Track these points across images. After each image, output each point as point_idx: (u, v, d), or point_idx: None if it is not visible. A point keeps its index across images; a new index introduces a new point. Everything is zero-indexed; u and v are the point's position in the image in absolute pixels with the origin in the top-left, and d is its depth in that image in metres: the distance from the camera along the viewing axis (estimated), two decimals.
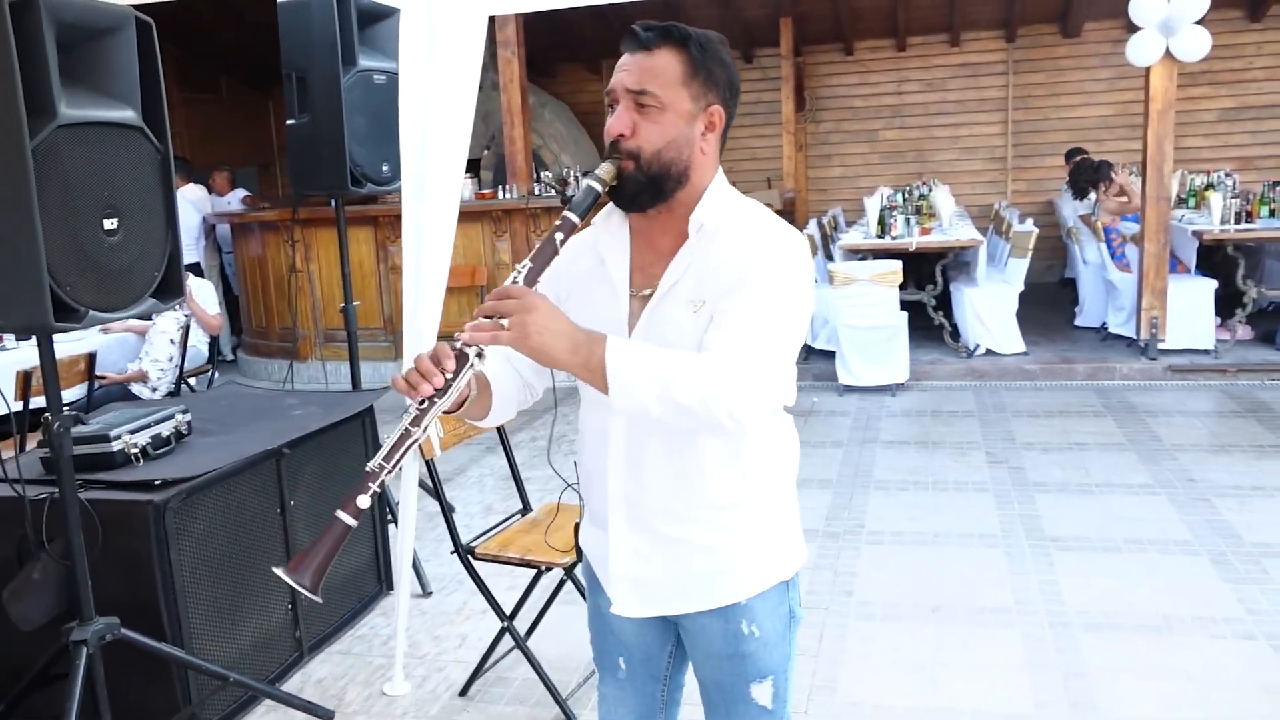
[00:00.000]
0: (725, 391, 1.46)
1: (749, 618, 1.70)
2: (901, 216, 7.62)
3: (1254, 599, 3.58)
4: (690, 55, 1.55)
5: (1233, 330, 7.19)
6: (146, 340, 5.70)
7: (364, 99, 3.93)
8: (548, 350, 1.45)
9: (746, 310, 1.51)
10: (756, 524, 1.69)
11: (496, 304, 1.44)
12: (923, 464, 5.30)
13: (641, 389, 1.45)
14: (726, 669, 1.74)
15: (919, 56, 11.23)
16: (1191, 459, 5.14)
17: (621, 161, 1.55)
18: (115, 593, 2.81)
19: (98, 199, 2.37)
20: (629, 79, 1.54)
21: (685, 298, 1.58)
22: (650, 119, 1.54)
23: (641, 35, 1.54)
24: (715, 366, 1.47)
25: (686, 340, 1.56)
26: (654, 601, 1.71)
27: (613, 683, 1.90)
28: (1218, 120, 10.49)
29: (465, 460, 5.71)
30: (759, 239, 1.57)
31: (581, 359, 1.46)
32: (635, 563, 1.69)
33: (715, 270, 1.56)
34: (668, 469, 1.64)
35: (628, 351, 1.47)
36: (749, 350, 1.49)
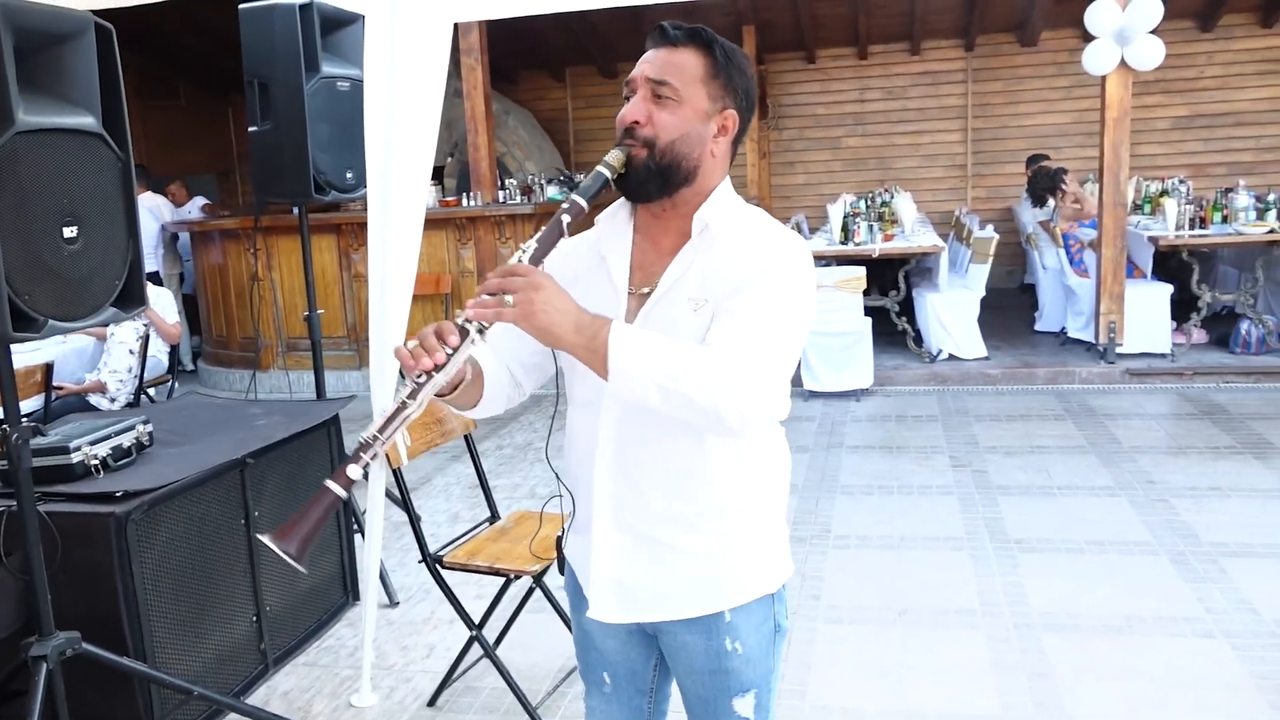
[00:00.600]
0: (736, 388, 1.44)
1: (732, 635, 1.67)
2: (865, 223, 7.69)
3: (1212, 598, 3.64)
4: (714, 57, 1.57)
5: (1188, 334, 7.32)
6: (105, 351, 5.61)
7: (327, 106, 3.90)
8: (552, 329, 1.44)
9: (753, 311, 1.50)
10: (746, 533, 1.67)
11: (503, 281, 1.43)
12: (888, 468, 5.35)
13: (644, 376, 1.44)
14: (709, 684, 1.72)
15: (880, 65, 11.34)
16: (1150, 461, 5.23)
17: (634, 149, 1.56)
18: (75, 606, 2.76)
19: (56, 206, 2.33)
20: (651, 69, 1.56)
21: (686, 296, 1.57)
22: (667, 109, 1.56)
23: (670, 32, 1.56)
24: (726, 363, 1.46)
25: (679, 336, 1.55)
26: (634, 607, 1.69)
27: (599, 696, 1.88)
28: (1171, 128, 10.69)
29: (431, 469, 5.67)
30: (766, 242, 1.57)
31: (585, 339, 1.45)
32: (619, 565, 1.67)
33: (718, 270, 1.56)
34: (660, 471, 1.62)
35: (633, 336, 1.46)
36: (757, 350, 1.48)
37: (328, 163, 3.91)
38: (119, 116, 2.51)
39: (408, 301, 3.03)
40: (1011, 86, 11.03)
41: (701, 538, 1.64)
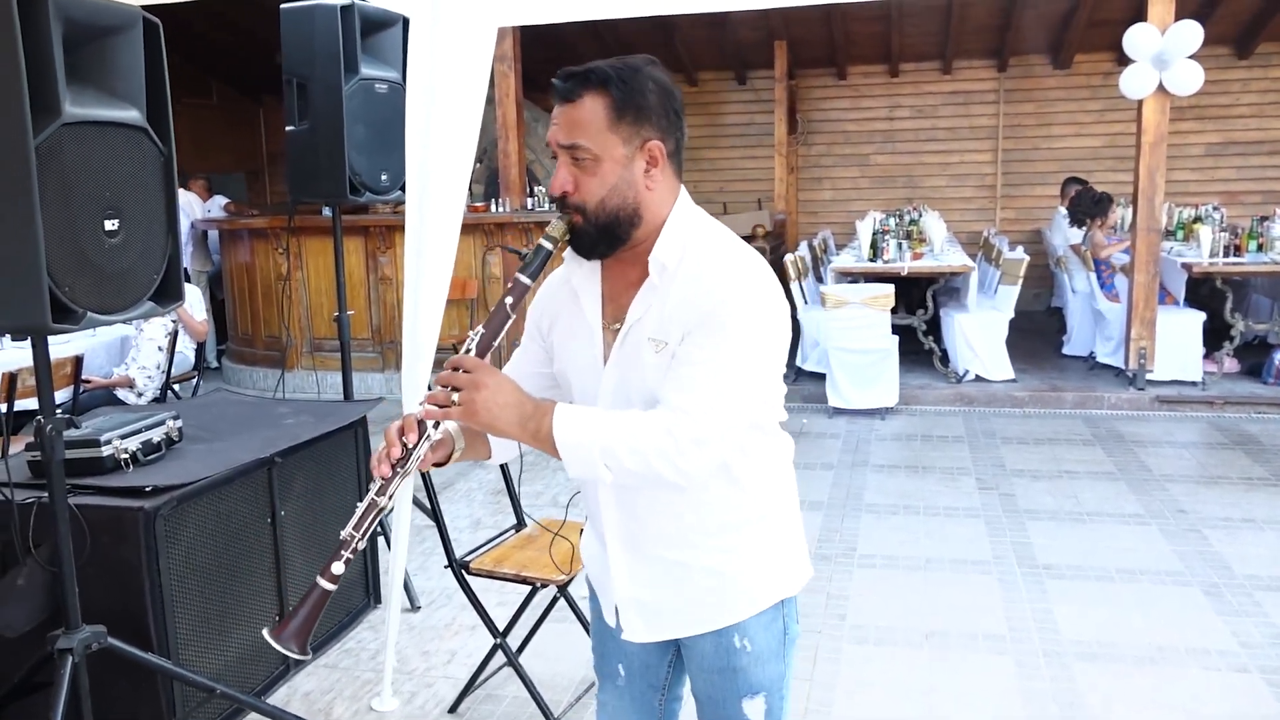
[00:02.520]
0: (668, 449, 1.47)
1: (741, 632, 1.69)
2: (894, 241, 7.65)
3: (1247, 632, 3.57)
4: (613, 96, 1.52)
5: (1220, 363, 7.23)
6: (134, 346, 5.63)
7: (365, 107, 3.90)
8: (495, 426, 1.52)
9: (704, 355, 1.51)
10: (756, 544, 1.69)
11: (451, 376, 1.51)
12: (913, 488, 5.29)
13: (589, 456, 1.49)
14: (718, 683, 1.73)
15: (911, 83, 11.31)
16: (1181, 490, 5.15)
17: (571, 216, 1.57)
18: (102, 600, 2.75)
19: (99, 199, 2.33)
20: (559, 134, 1.54)
21: (646, 336, 1.57)
22: (588, 171, 1.54)
23: (561, 86, 1.53)
24: (658, 425, 1.48)
25: (650, 378, 1.56)
26: (660, 626, 1.72)
27: (612, 690, 1.91)
28: (1205, 154, 10.60)
29: (453, 474, 5.66)
30: (718, 276, 1.55)
31: (530, 431, 1.51)
32: (636, 587, 1.70)
33: (675, 308, 1.55)
34: (659, 499, 1.64)
35: (574, 420, 1.50)
36: (698, 402, 1.49)
37: (363, 164, 3.91)
38: (163, 111, 2.51)
39: (441, 305, 3.01)
40: (1044, 108, 10.98)
41: (715, 554, 1.66)
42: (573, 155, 1.53)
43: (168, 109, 2.52)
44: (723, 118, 11.85)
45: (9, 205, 2.14)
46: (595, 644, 1.93)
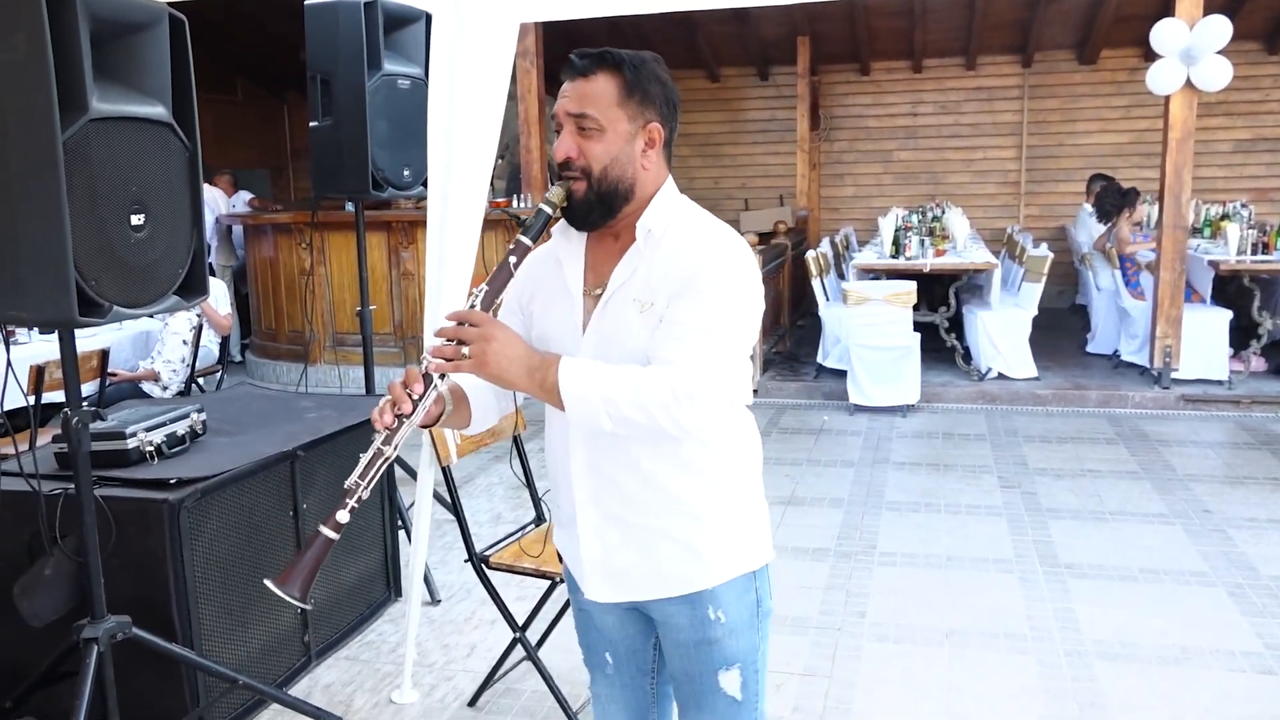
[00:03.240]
0: (669, 402, 1.55)
1: (715, 603, 1.75)
2: (916, 237, 7.61)
3: (1272, 633, 3.54)
4: (625, 77, 1.64)
5: (1246, 362, 7.15)
6: (159, 340, 5.68)
7: (388, 103, 3.92)
8: (505, 376, 1.59)
9: (691, 316, 1.59)
10: (722, 515, 1.75)
11: (458, 330, 1.57)
12: (934, 486, 5.27)
13: (592, 406, 1.56)
14: (694, 657, 1.78)
15: (934, 79, 11.25)
16: (1206, 489, 5.11)
17: (573, 182, 1.64)
18: (126, 591, 2.78)
19: (125, 194, 2.35)
20: (570, 104, 1.64)
21: (632, 297, 1.65)
22: (593, 140, 1.63)
23: (578, 63, 1.64)
24: (658, 379, 1.56)
25: (634, 339, 1.64)
26: (626, 587, 1.77)
27: (603, 680, 1.95)
28: (1233, 151, 10.48)
29: (474, 469, 5.68)
30: (702, 243, 1.65)
31: (537, 381, 1.58)
32: (604, 548, 1.76)
33: (662, 272, 1.64)
34: (630, 467, 1.70)
35: (578, 372, 1.58)
36: (692, 358, 1.57)
37: (386, 160, 3.93)
38: (189, 107, 2.53)
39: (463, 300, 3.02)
40: (1068, 104, 10.89)
41: (679, 520, 1.72)
42: (580, 124, 1.63)
43: (193, 105, 2.54)
44: (745, 114, 11.82)
45: (37, 200, 2.17)
46: (581, 636, 1.97)
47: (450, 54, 2.86)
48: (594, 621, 1.90)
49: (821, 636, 3.57)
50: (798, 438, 6.27)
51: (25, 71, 2.12)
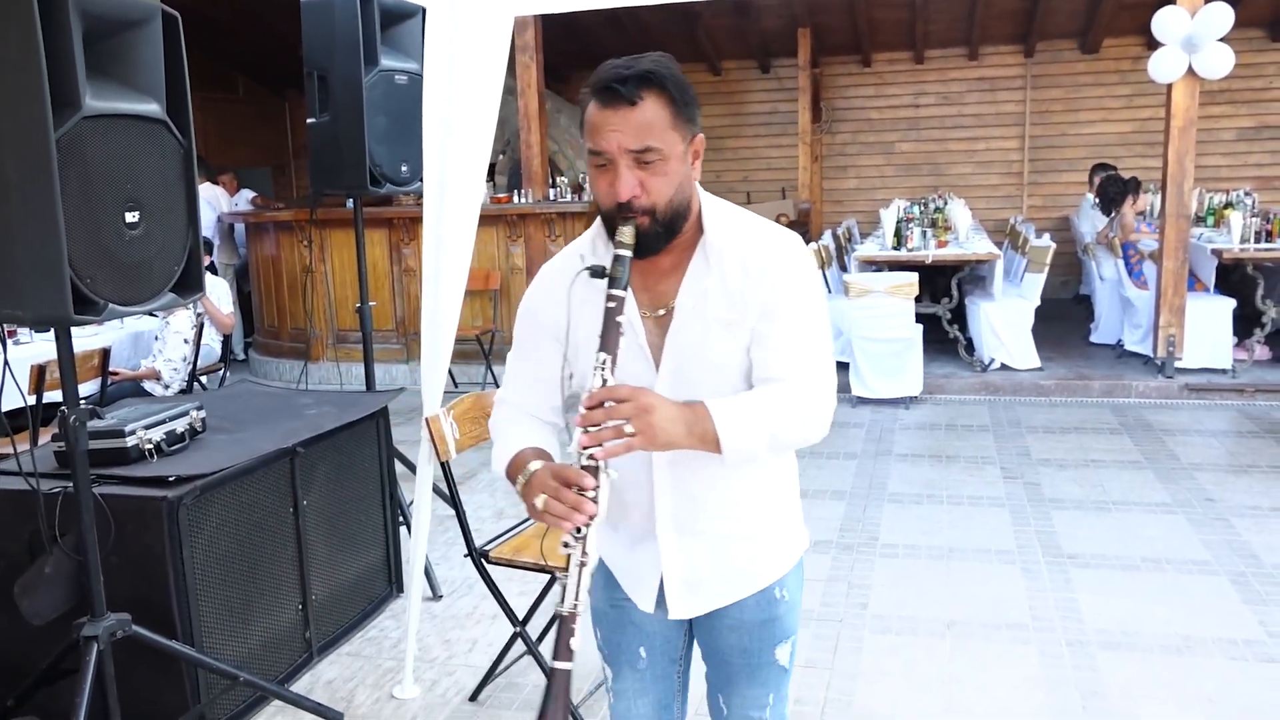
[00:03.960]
0: (816, 416, 1.62)
1: (781, 584, 1.79)
2: (918, 229, 7.59)
3: (1275, 621, 3.53)
4: (671, 95, 1.54)
5: (1250, 350, 7.13)
6: (160, 339, 5.69)
7: (385, 99, 3.91)
8: (672, 442, 1.55)
9: (793, 330, 1.61)
10: (783, 506, 1.79)
11: (612, 410, 1.50)
12: (937, 477, 5.26)
13: (753, 444, 1.57)
14: (757, 635, 1.80)
15: (936, 70, 11.20)
16: (1209, 478, 5.09)
17: (636, 219, 1.55)
18: (126, 589, 2.79)
19: (120, 191, 2.35)
20: (628, 140, 1.52)
21: (712, 317, 1.62)
22: (656, 172, 1.54)
23: (623, 90, 1.50)
24: (794, 397, 1.59)
25: (715, 357, 1.63)
26: (706, 597, 1.77)
27: (631, 675, 1.91)
28: (1236, 139, 10.43)
29: (476, 464, 5.68)
30: (774, 255, 1.63)
31: (697, 435, 1.55)
32: (689, 567, 1.74)
33: (739, 289, 1.61)
34: (713, 478, 1.69)
35: (732, 415, 1.56)
36: (810, 368, 1.62)
37: (384, 155, 3.93)
38: (183, 104, 2.53)
39: (460, 296, 3.02)
40: (1071, 94, 10.84)
41: (750, 523, 1.74)
42: (641, 158, 1.52)
43: (187, 102, 2.54)
44: (746, 106, 11.80)
45: (31, 198, 2.17)
46: (608, 634, 1.91)
47: (445, 49, 2.85)
48: (630, 618, 1.85)
49: (823, 628, 3.57)
50: None
51: (17, 69, 2.13)
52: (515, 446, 1.71)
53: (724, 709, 1.91)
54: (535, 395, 1.80)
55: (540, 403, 1.81)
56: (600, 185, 1.57)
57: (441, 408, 3.07)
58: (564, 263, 1.74)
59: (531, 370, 1.80)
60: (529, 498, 1.57)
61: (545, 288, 1.75)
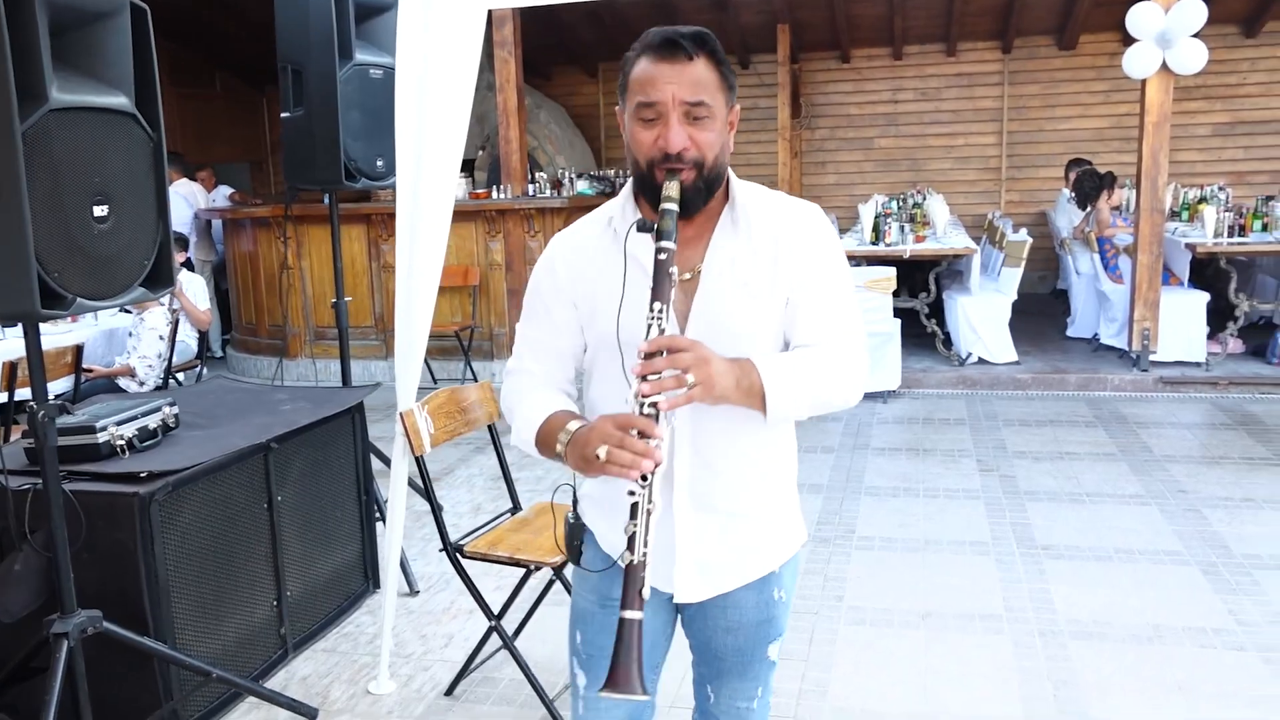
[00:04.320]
0: (853, 379, 1.66)
1: (778, 584, 1.81)
2: (896, 224, 7.63)
3: (1244, 610, 3.57)
4: (720, 61, 1.58)
5: (1224, 343, 7.20)
6: (134, 335, 5.65)
7: (360, 93, 3.90)
8: (727, 394, 1.54)
9: (825, 297, 1.66)
10: (786, 491, 1.81)
11: (673, 359, 1.48)
12: (914, 471, 5.29)
13: (796, 402, 1.58)
14: (753, 635, 1.81)
15: (915, 65, 11.25)
16: (1182, 470, 5.14)
17: (682, 175, 1.56)
18: (98, 585, 2.78)
19: (88, 185, 2.34)
20: (684, 91, 1.54)
21: (739, 281, 1.64)
22: (705, 128, 1.57)
23: (685, 44, 1.54)
24: (841, 361, 1.64)
25: (742, 321, 1.64)
26: (714, 580, 1.76)
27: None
28: (1211, 135, 10.52)
29: (454, 460, 5.68)
30: (799, 223, 1.68)
31: (744, 390, 1.55)
32: (700, 545, 1.73)
33: (770, 257, 1.65)
34: (733, 453, 1.69)
35: (778, 371, 1.57)
36: (844, 333, 1.67)
37: (359, 150, 3.91)
38: (152, 97, 2.51)
39: (434, 292, 3.02)
40: (1048, 90, 10.90)
41: (760, 503, 1.75)
42: (694, 113, 1.55)
43: (157, 94, 2.53)
44: None
45: None
46: (592, 636, 1.83)
47: (418, 42, 2.84)
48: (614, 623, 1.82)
49: (798, 620, 3.58)
50: None
51: None
52: (543, 411, 1.67)
53: (711, 696, 1.91)
54: (552, 364, 1.76)
55: (557, 371, 1.77)
56: (645, 139, 1.58)
57: (416, 402, 3.07)
58: (587, 228, 1.75)
59: (549, 338, 1.76)
60: (586, 449, 1.51)
61: (567, 251, 1.73)
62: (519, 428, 1.71)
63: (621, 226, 1.67)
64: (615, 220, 1.70)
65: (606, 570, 1.78)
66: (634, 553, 1.49)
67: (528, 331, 1.79)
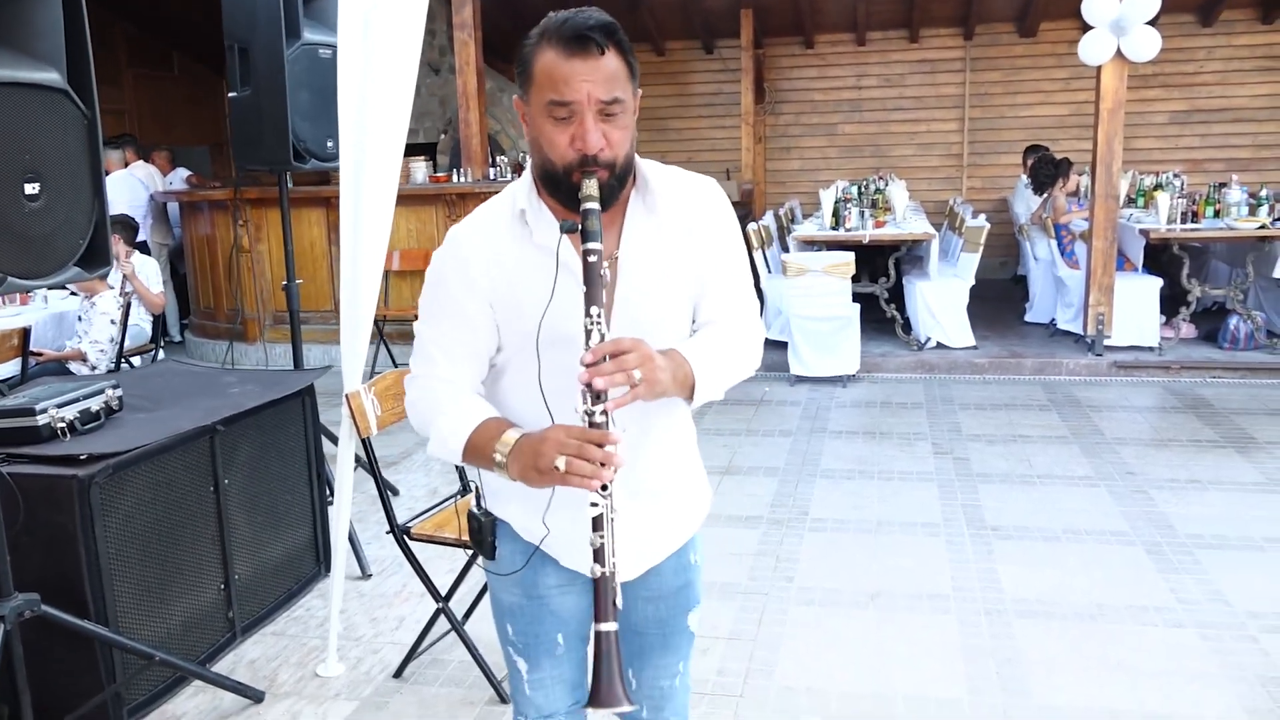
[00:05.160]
0: (756, 349, 1.73)
1: (693, 548, 1.85)
2: (855, 209, 7.66)
3: (1185, 588, 3.64)
4: (626, 49, 1.53)
5: (1177, 328, 7.31)
6: (84, 320, 5.57)
7: (308, 73, 3.86)
8: (666, 390, 1.54)
9: (734, 272, 1.72)
10: (695, 461, 1.86)
11: (620, 360, 1.45)
12: (869, 454, 5.34)
13: (719, 385, 1.63)
14: (672, 603, 1.84)
15: (878, 51, 11.29)
16: (1132, 452, 5.22)
17: (598, 174, 1.51)
18: (38, 569, 2.75)
19: (17, 163, 2.30)
20: (599, 90, 1.48)
21: (655, 263, 1.63)
22: (617, 125, 1.52)
23: (598, 39, 1.48)
24: (745, 334, 1.70)
25: (660, 303, 1.65)
26: (646, 557, 1.78)
27: (550, 663, 1.85)
28: (1168, 122, 10.66)
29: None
30: (705, 199, 1.70)
31: (679, 381, 1.56)
32: (634, 529, 1.71)
33: (677, 235, 1.65)
34: (652, 436, 1.72)
35: (703, 359, 1.60)
36: (747, 306, 1.73)
37: (308, 131, 3.88)
38: (86, 73, 2.47)
39: (379, 273, 3.00)
40: (1010, 76, 10.99)
41: (678, 477, 1.80)
42: (608, 110, 1.50)
43: (90, 71, 2.48)
44: (690, 87, 11.80)
45: None
46: (525, 627, 1.82)
47: (360, 23, 2.82)
48: (549, 607, 1.80)
49: (749, 601, 3.61)
50: (738, 409, 6.31)
51: None
52: (472, 419, 1.60)
53: (633, 682, 1.90)
54: (466, 367, 1.67)
55: (472, 374, 1.68)
56: (559, 140, 1.51)
57: (363, 384, 3.05)
58: (493, 220, 1.65)
59: (464, 337, 1.65)
60: (539, 460, 1.47)
61: (479, 245, 1.62)
62: (443, 437, 1.62)
63: (536, 220, 1.60)
64: (529, 214, 1.61)
65: (526, 555, 1.75)
66: (604, 565, 1.48)
67: (434, 332, 1.68)
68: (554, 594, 1.80)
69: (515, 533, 1.78)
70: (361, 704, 3.04)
